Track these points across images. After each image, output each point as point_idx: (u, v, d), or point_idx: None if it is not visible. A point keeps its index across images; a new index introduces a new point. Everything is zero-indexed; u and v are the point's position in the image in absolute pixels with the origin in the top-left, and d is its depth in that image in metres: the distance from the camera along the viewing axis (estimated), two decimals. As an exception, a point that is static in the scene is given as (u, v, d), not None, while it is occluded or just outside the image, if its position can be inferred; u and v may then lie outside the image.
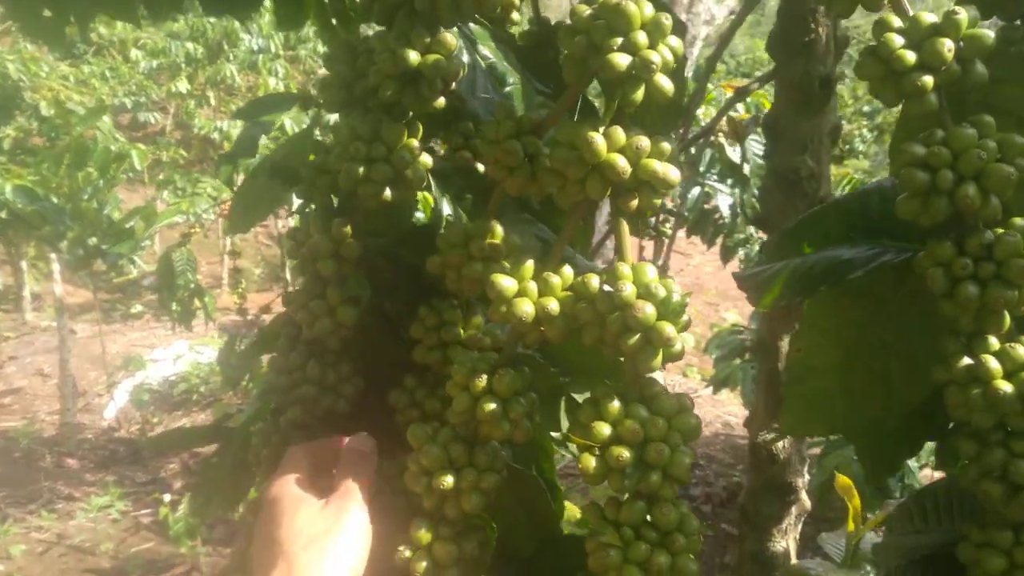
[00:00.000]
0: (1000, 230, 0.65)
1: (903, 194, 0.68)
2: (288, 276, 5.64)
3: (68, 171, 5.67)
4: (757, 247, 4.65)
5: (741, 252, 4.79)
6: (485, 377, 0.67)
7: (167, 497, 4.48)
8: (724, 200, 4.02)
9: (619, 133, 0.63)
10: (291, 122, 4.19)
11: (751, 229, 4.94)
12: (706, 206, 4.06)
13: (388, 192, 0.76)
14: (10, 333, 7.59)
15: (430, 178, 0.82)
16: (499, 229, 0.77)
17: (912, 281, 0.77)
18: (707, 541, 4.48)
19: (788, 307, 0.78)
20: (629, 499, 0.63)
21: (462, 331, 0.81)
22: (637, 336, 0.61)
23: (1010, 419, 0.64)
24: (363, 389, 0.82)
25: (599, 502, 0.66)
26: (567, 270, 0.67)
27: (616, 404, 0.63)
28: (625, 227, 0.65)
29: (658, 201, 0.64)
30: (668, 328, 0.61)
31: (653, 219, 3.21)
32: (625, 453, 0.60)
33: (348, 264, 0.79)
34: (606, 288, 0.63)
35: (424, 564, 0.67)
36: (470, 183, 0.86)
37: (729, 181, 3.83)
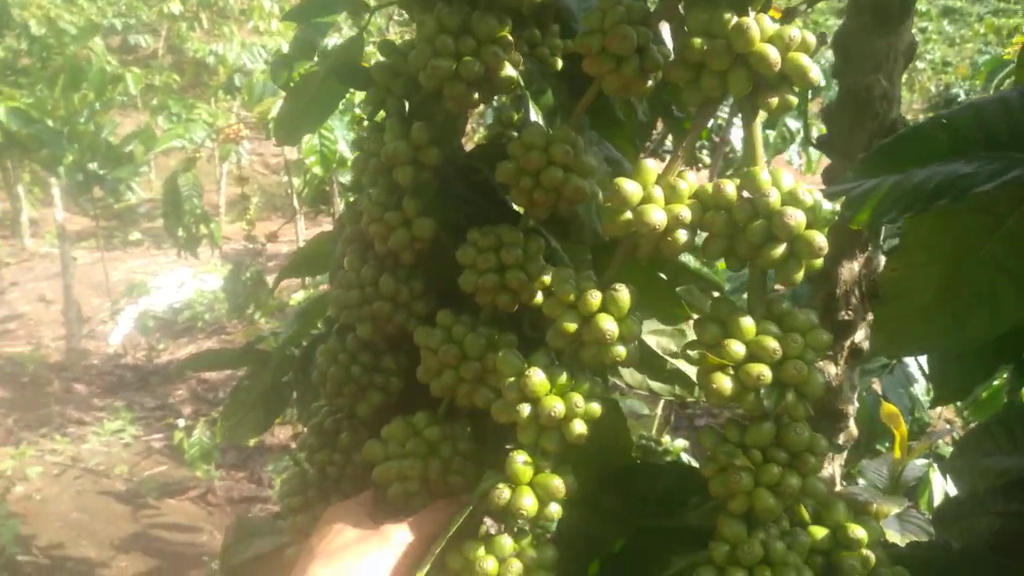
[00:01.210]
0: None
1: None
2: (296, 204, 5.55)
3: (63, 93, 5.51)
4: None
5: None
6: (598, 294, 0.61)
7: (181, 422, 4.50)
8: (736, 132, 3.91)
9: (766, 21, 0.56)
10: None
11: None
12: (715, 138, 3.95)
13: (476, 95, 0.69)
14: (10, 259, 7.53)
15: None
16: (580, 140, 0.71)
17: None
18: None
19: (894, 223, 0.73)
20: (756, 420, 0.59)
21: (522, 252, 0.72)
22: (783, 246, 0.56)
23: None
24: (435, 308, 0.77)
25: (713, 425, 0.62)
26: (691, 177, 0.61)
27: (748, 321, 0.58)
28: (759, 128, 0.59)
29: (795, 100, 0.58)
30: (818, 237, 0.55)
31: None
32: (766, 372, 0.56)
33: (427, 172, 0.73)
34: (744, 195, 0.58)
35: (527, 500, 0.61)
36: (558, 91, 0.79)
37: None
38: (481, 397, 0.70)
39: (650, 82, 0.66)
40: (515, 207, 0.81)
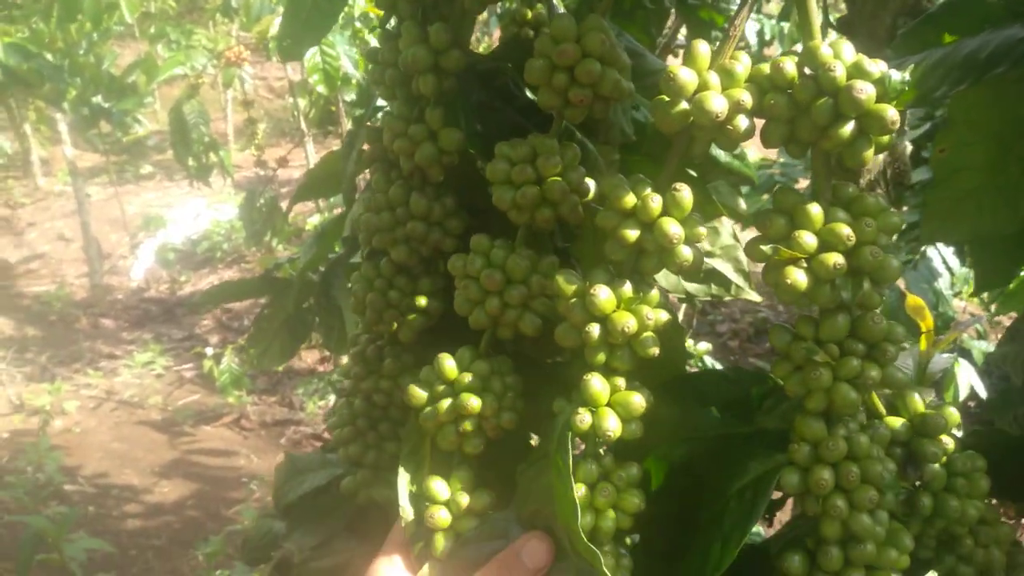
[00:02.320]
0: None
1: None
2: (303, 127, 5.47)
3: (59, 25, 5.39)
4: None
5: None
6: (658, 197, 0.57)
7: (210, 351, 4.57)
8: (751, 26, 3.75)
9: None
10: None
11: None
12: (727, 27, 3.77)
13: (495, -11, 0.65)
14: (24, 199, 7.54)
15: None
16: (612, 33, 0.66)
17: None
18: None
19: (944, 98, 0.69)
20: (830, 313, 0.55)
21: (560, 160, 0.66)
22: (851, 124, 0.52)
23: None
24: (468, 224, 0.74)
25: (782, 324, 0.59)
26: (745, 59, 0.56)
27: (817, 209, 0.54)
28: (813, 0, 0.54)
29: None
30: (889, 111, 0.51)
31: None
32: (841, 260, 0.52)
33: (449, 79, 0.69)
34: (806, 72, 0.53)
35: (611, 421, 0.58)
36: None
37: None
38: (528, 323, 0.66)
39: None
40: (540, 112, 0.76)
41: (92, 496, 3.79)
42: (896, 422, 0.61)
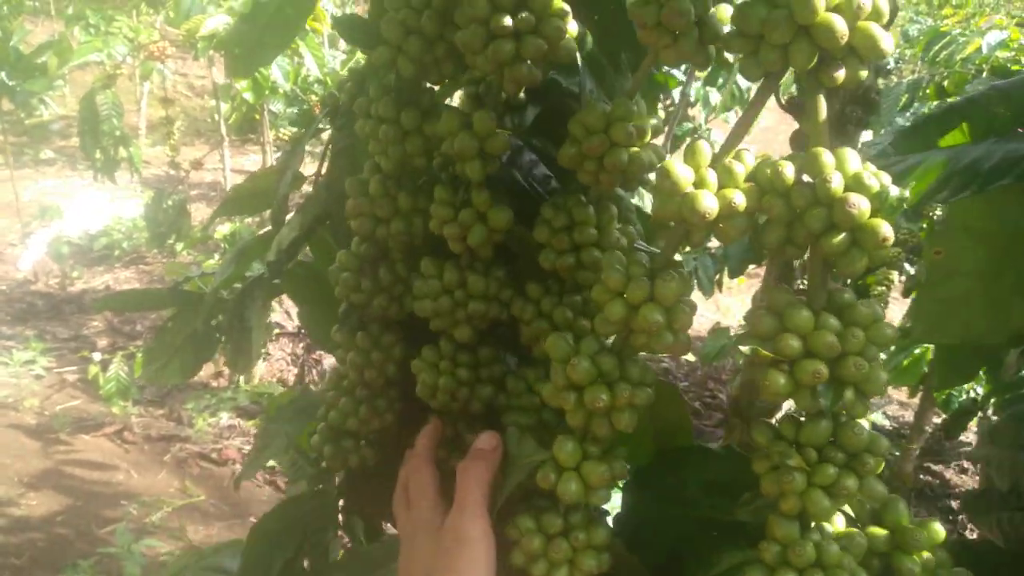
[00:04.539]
0: None
1: None
2: (223, 131, 5.27)
3: (-34, -6, 5.06)
4: (708, 134, 4.54)
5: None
6: (647, 282, 0.58)
7: (97, 355, 4.30)
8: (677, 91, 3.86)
9: None
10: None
11: (701, 119, 4.83)
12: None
13: (537, 73, 0.64)
14: (-97, 170, 6.95)
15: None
16: (643, 107, 0.67)
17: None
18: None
19: (944, 203, 0.71)
20: (812, 418, 0.56)
21: (595, 231, 0.71)
22: (843, 236, 0.52)
23: None
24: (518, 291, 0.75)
25: (766, 421, 0.60)
26: (748, 157, 0.57)
27: (807, 314, 0.54)
28: (823, 105, 0.55)
29: (864, 74, 0.54)
30: (883, 227, 0.51)
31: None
32: (823, 369, 0.53)
33: (495, 162, 0.69)
34: (804, 179, 0.54)
35: (573, 487, 0.61)
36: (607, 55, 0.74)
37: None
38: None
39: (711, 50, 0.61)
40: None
41: (-52, 505, 3.48)
42: (877, 532, 0.61)
